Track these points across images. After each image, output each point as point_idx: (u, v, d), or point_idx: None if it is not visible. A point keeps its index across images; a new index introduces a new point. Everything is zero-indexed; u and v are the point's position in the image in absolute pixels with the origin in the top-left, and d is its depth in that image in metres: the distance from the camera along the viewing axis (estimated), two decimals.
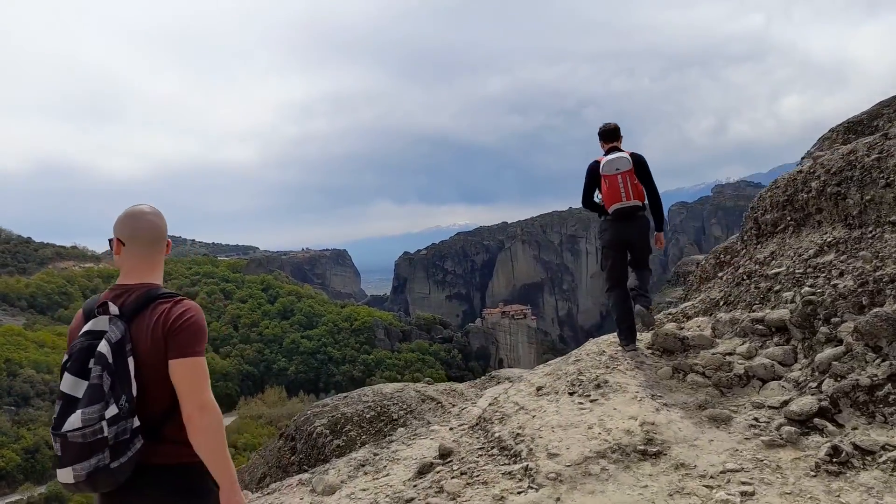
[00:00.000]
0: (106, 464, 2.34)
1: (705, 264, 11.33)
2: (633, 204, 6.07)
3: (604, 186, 6.12)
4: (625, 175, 6.02)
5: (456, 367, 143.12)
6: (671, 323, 6.71)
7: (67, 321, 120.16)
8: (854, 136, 10.66)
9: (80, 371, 2.42)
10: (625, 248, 6.28)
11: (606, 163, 6.12)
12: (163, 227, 2.77)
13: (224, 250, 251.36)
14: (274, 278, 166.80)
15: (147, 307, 2.57)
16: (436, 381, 15.75)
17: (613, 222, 6.19)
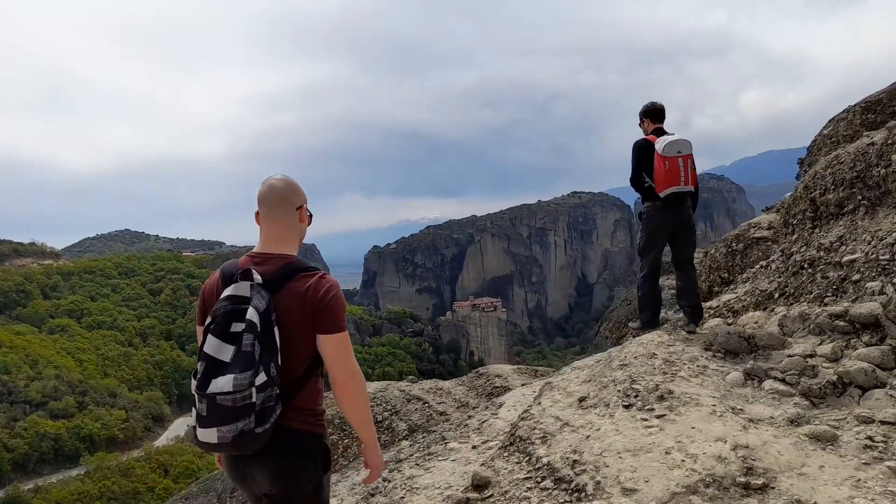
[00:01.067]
0: (251, 428, 2.42)
1: (715, 253, 10.64)
2: (689, 189, 5.78)
3: (660, 167, 5.68)
4: (685, 159, 5.67)
5: (427, 361, 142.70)
6: (716, 318, 5.90)
7: (26, 320, 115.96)
8: (873, 116, 10.03)
9: (224, 334, 2.48)
10: (670, 235, 5.96)
11: (668, 144, 5.66)
12: (290, 194, 2.80)
13: (189, 245, 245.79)
14: None
15: (291, 279, 2.63)
16: (410, 376, 15.08)
17: (664, 207, 5.81)
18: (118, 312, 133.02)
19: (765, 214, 10.71)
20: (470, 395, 10.80)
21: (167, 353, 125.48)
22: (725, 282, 9.85)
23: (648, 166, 5.80)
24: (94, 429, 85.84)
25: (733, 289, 6.87)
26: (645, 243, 6.08)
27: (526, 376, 10.78)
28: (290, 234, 2.82)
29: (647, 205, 5.99)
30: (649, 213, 5.98)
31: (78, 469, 77.52)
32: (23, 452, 76.37)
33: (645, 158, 5.83)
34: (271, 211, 2.78)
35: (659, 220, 5.91)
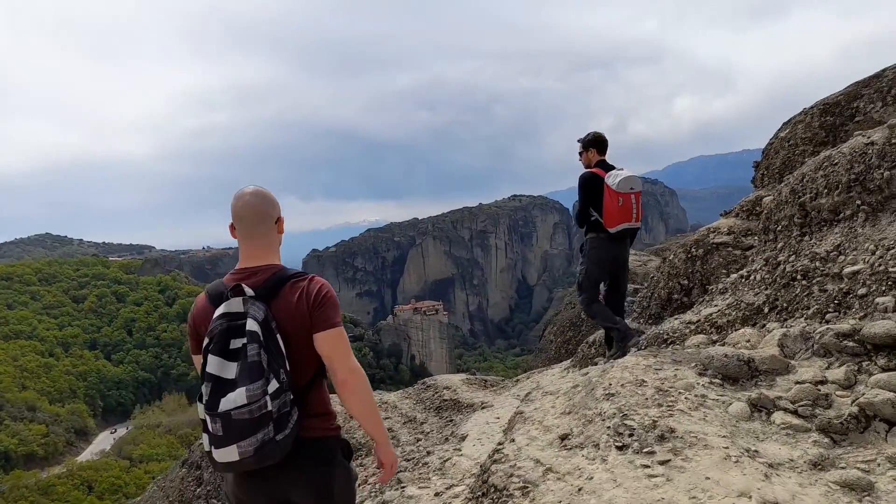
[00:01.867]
0: (272, 437, 2.41)
1: (674, 259, 10.27)
2: (638, 226, 5.93)
3: (612, 203, 5.72)
4: (637, 195, 5.79)
5: (367, 366, 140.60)
6: (699, 335, 5.38)
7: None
8: (831, 119, 9.86)
9: (224, 351, 2.48)
10: (612, 268, 6.12)
11: (623, 180, 5.70)
12: (269, 210, 2.80)
13: (116, 250, 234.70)
14: (172, 279, 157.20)
15: (283, 286, 2.67)
16: None
17: (611, 241, 5.89)
18: (38, 321, 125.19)
19: (723, 219, 10.41)
20: (417, 409, 10.11)
21: (91, 363, 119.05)
22: (685, 289, 9.53)
23: (597, 200, 5.82)
24: (11, 445, 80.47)
25: (711, 301, 6.39)
26: (586, 277, 6.09)
27: (475, 387, 10.20)
28: (271, 245, 2.83)
29: (592, 237, 5.98)
30: (594, 245, 5.97)
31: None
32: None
33: (593, 192, 5.83)
34: (252, 229, 2.77)
35: (603, 255, 5.97)
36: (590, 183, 5.88)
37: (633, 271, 21.98)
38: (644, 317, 10.04)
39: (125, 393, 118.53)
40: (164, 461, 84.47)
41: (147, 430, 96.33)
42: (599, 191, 5.81)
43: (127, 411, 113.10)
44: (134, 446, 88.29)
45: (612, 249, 5.99)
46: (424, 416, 9.41)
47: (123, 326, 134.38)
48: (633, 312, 10.45)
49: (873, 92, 9.40)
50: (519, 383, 9.92)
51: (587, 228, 6.08)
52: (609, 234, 5.86)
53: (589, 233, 6.05)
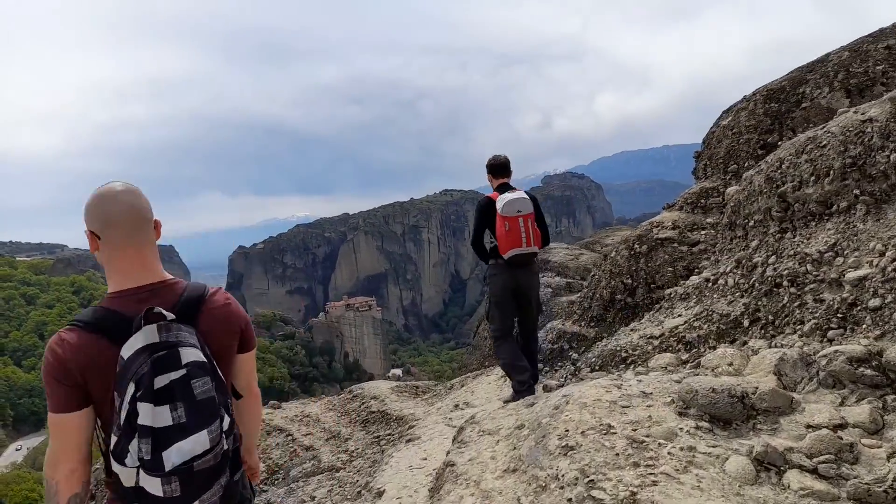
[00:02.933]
0: (230, 479, 2.07)
1: (616, 256, 9.50)
2: (533, 250, 5.63)
3: (500, 228, 5.53)
4: (527, 218, 5.55)
5: (300, 365, 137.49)
6: (666, 354, 4.47)
7: None
8: (776, 105, 9.32)
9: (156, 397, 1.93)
10: (515, 296, 5.77)
11: (507, 203, 5.51)
12: (148, 210, 2.25)
13: (24, 249, 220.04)
14: (87, 279, 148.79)
15: (201, 305, 2.21)
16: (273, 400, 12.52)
17: (508, 268, 5.63)
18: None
19: (667, 212, 9.76)
20: (342, 422, 9.30)
21: (0, 370, 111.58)
22: (629, 288, 8.92)
23: (492, 226, 5.65)
24: None
25: (672, 308, 5.56)
26: (492, 306, 5.81)
27: (405, 396, 9.46)
28: (155, 253, 2.27)
29: (491, 263, 5.76)
30: (493, 272, 5.76)
31: None
32: None
33: (487, 218, 5.68)
34: (135, 235, 2.17)
35: (504, 281, 5.69)
36: (482, 209, 5.76)
37: (564, 265, 21.47)
38: (585, 319, 9.42)
39: (38, 401, 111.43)
40: None
41: None
42: (493, 216, 5.65)
43: (41, 420, 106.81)
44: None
45: (512, 275, 5.67)
46: (350, 432, 8.69)
47: (34, 330, 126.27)
48: (574, 314, 9.80)
49: (819, 77, 8.97)
50: (453, 390, 9.18)
51: (489, 257, 5.82)
52: (504, 259, 5.61)
53: (490, 259, 5.81)
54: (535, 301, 5.92)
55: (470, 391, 8.51)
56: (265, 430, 9.55)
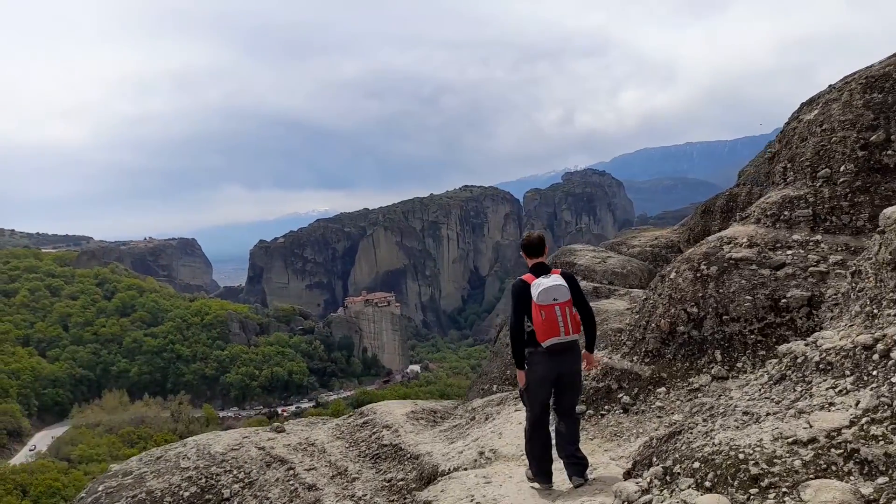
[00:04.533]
0: None
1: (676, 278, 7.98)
2: (572, 339, 5.49)
3: (537, 316, 5.42)
4: (563, 306, 5.42)
5: (318, 359, 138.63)
6: (832, 482, 3.07)
7: None
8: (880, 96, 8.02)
9: None
10: (554, 384, 5.64)
11: (542, 291, 5.41)
12: None
13: (50, 241, 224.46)
14: (111, 271, 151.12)
15: None
16: (276, 423, 11.62)
17: (547, 356, 5.49)
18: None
19: (740, 226, 8.29)
20: (350, 454, 8.59)
21: (25, 360, 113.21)
22: (694, 319, 7.52)
23: (528, 312, 5.51)
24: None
25: (807, 384, 4.19)
26: (527, 393, 5.72)
27: (421, 424, 8.86)
28: None
29: (529, 350, 5.59)
30: (531, 361, 5.59)
31: None
32: None
33: (523, 303, 5.54)
34: None
35: (542, 370, 5.55)
36: (518, 293, 5.60)
37: (590, 268, 21.21)
38: (638, 353, 8.03)
39: (62, 391, 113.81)
40: (105, 462, 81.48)
41: (86, 429, 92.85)
42: (528, 300, 5.51)
43: (65, 410, 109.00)
44: (72, 447, 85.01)
45: (551, 363, 5.52)
46: (358, 468, 7.98)
47: (59, 321, 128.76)
48: (623, 346, 8.44)
49: None
50: (475, 422, 8.39)
51: (526, 342, 5.63)
52: (543, 347, 5.46)
53: (527, 346, 5.62)
54: (577, 385, 5.84)
55: (497, 433, 7.57)
56: (265, 461, 8.98)
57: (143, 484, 9.04)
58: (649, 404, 7.28)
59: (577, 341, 5.63)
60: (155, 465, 9.65)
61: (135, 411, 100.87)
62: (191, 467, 9.17)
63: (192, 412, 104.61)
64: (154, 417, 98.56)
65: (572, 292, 5.54)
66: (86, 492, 9.76)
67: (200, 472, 8.99)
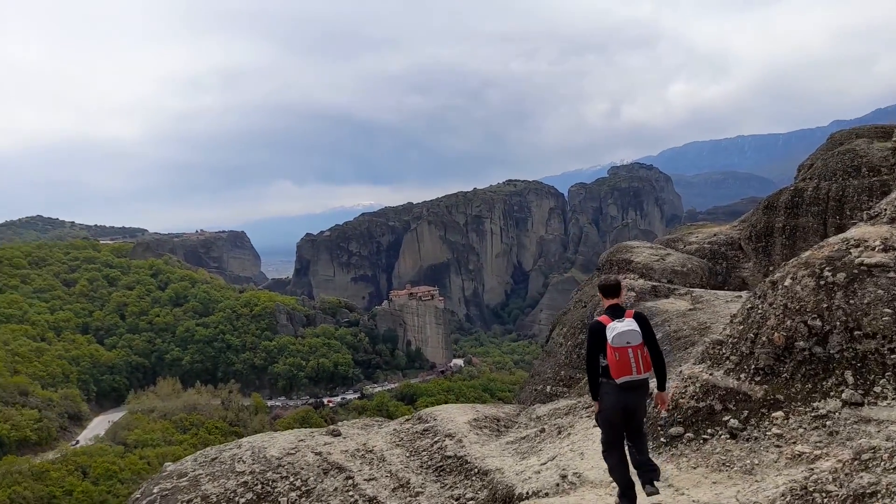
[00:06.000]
0: None
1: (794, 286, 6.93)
2: (643, 378, 6.02)
3: (611, 356, 5.98)
4: (636, 349, 5.95)
5: (363, 351, 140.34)
6: None
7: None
8: None
9: None
10: (626, 414, 6.15)
11: (617, 335, 5.96)
12: None
13: (108, 233, 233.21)
14: (164, 263, 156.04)
15: None
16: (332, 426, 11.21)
17: (617, 390, 6.03)
18: (28, 305, 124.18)
19: (868, 226, 7.31)
20: (411, 464, 8.23)
21: (84, 347, 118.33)
22: (817, 334, 6.56)
23: (603, 351, 6.04)
24: (3, 430, 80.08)
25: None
26: (601, 421, 6.25)
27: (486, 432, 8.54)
28: None
29: (603, 381, 6.12)
30: (604, 391, 6.13)
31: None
32: None
33: (598, 344, 6.05)
34: None
35: (614, 402, 6.06)
36: (595, 334, 6.11)
37: (648, 266, 20.89)
38: (746, 370, 7.04)
39: (119, 378, 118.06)
40: (159, 446, 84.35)
41: (141, 415, 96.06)
42: (603, 340, 6.05)
43: (121, 396, 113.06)
44: (128, 431, 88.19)
45: (622, 397, 6.05)
46: (421, 481, 7.61)
47: (116, 310, 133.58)
48: (726, 361, 7.54)
49: None
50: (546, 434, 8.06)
51: (600, 374, 6.20)
52: (616, 383, 6.00)
53: (602, 377, 6.19)
54: (640, 418, 6.27)
55: (577, 452, 7.15)
56: (322, 468, 8.57)
57: (198, 487, 8.77)
58: (763, 431, 6.53)
59: (648, 379, 6.11)
60: (210, 468, 9.40)
61: (187, 398, 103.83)
62: (246, 471, 8.91)
63: (241, 400, 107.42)
64: (205, 405, 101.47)
65: (644, 336, 6.01)
66: (140, 493, 9.66)
67: (256, 477, 8.70)
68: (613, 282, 6.35)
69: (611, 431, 6.21)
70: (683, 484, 6.30)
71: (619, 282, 6.40)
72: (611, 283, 6.32)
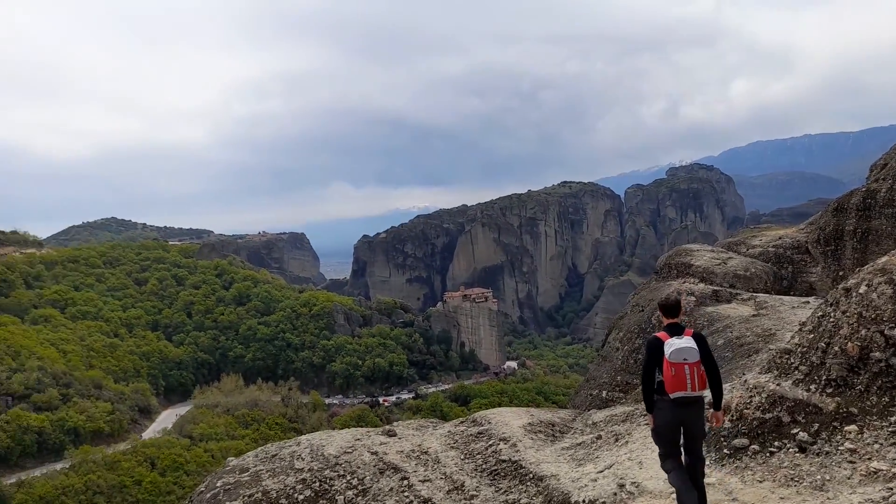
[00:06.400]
0: None
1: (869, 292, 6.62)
2: (698, 395, 6.14)
3: (667, 371, 6.14)
4: (692, 366, 6.08)
5: (418, 352, 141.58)
6: None
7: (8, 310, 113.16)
8: None
9: None
10: (680, 428, 6.29)
11: (675, 351, 6.13)
12: None
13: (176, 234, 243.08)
14: (229, 263, 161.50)
15: None
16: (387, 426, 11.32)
17: (673, 406, 6.19)
18: (103, 302, 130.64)
19: None
20: (466, 467, 8.09)
21: (154, 343, 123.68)
22: (894, 345, 6.39)
23: (660, 366, 6.22)
24: (79, 421, 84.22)
25: None
26: (657, 435, 6.43)
27: (541, 437, 8.42)
28: None
29: (658, 398, 6.33)
30: (658, 406, 6.32)
31: (62, 462, 76.04)
32: (5, 446, 74.68)
33: (656, 358, 6.25)
34: None
35: (668, 416, 6.23)
36: (652, 349, 6.32)
37: (709, 270, 20.54)
38: (817, 381, 6.85)
39: (185, 373, 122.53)
40: (223, 440, 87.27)
41: (206, 409, 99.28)
42: (661, 356, 6.23)
43: (188, 391, 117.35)
44: (194, 425, 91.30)
45: (676, 412, 6.19)
46: (476, 484, 7.49)
47: (183, 309, 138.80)
48: (794, 370, 7.35)
49: None
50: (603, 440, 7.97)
51: (655, 390, 6.38)
52: (670, 398, 6.16)
53: (656, 393, 6.38)
54: (699, 433, 6.37)
55: (636, 461, 7.07)
56: (378, 467, 8.57)
57: (259, 483, 8.94)
58: (835, 445, 6.27)
59: (703, 397, 6.25)
60: (270, 464, 9.57)
61: (249, 394, 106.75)
62: (305, 469, 9.03)
63: (300, 398, 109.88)
64: (266, 401, 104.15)
65: (702, 354, 6.16)
66: (205, 486, 9.89)
67: (314, 474, 8.79)
68: (674, 301, 6.58)
69: (667, 446, 6.34)
70: (749, 498, 6.16)
71: (678, 301, 6.60)
72: (671, 303, 6.54)
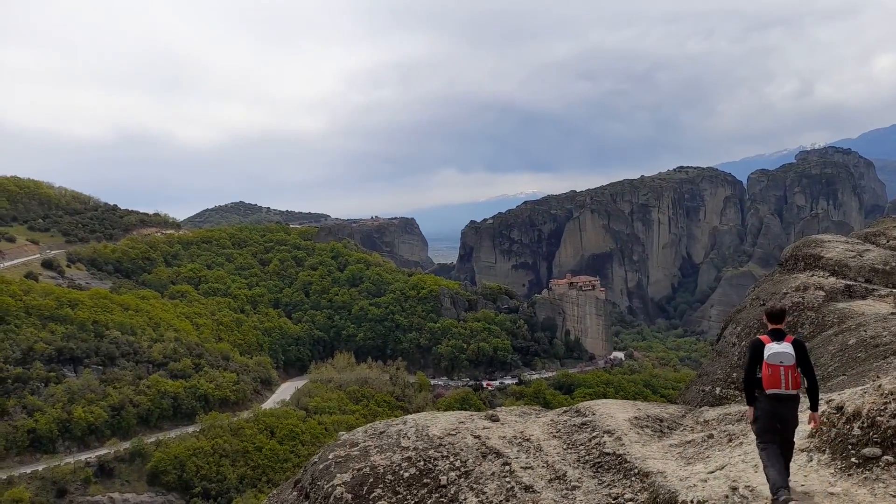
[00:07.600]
0: None
1: None
2: (791, 393, 6.77)
3: (765, 370, 6.82)
4: (787, 368, 6.76)
5: (522, 338, 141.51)
6: None
7: (150, 285, 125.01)
8: None
9: None
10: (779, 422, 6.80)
11: (772, 354, 6.80)
12: None
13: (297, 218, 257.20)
14: (343, 246, 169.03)
15: None
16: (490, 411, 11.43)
17: (769, 400, 6.83)
18: (231, 280, 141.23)
19: None
20: (568, 457, 7.97)
21: (275, 320, 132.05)
22: None
23: (759, 365, 6.90)
24: (209, 389, 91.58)
25: None
26: (756, 424, 6.93)
27: (647, 432, 8.22)
28: None
29: (758, 392, 6.93)
30: (758, 399, 6.95)
31: (194, 426, 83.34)
32: (146, 409, 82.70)
33: (756, 357, 6.96)
34: None
35: (765, 409, 6.84)
36: (754, 350, 7.03)
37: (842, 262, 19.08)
38: None
39: (303, 349, 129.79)
40: (335, 414, 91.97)
41: (321, 384, 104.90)
42: (760, 356, 6.91)
43: (304, 366, 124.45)
44: (309, 398, 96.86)
45: (772, 407, 6.78)
46: (578, 476, 7.36)
47: (301, 288, 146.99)
48: None
49: None
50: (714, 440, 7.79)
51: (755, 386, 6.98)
52: (766, 393, 6.81)
53: (756, 388, 6.98)
54: (790, 433, 6.88)
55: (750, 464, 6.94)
56: (481, 451, 8.60)
57: (368, 458, 9.32)
58: None
59: (797, 395, 6.85)
60: (378, 440, 9.93)
61: (360, 372, 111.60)
62: (410, 447, 9.34)
63: (407, 377, 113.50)
64: (375, 379, 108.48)
65: (798, 359, 6.84)
66: (318, 457, 10.35)
67: (419, 454, 9.04)
68: (780, 309, 7.25)
69: (764, 434, 6.83)
70: None
71: (784, 309, 7.29)
72: (777, 311, 7.21)
